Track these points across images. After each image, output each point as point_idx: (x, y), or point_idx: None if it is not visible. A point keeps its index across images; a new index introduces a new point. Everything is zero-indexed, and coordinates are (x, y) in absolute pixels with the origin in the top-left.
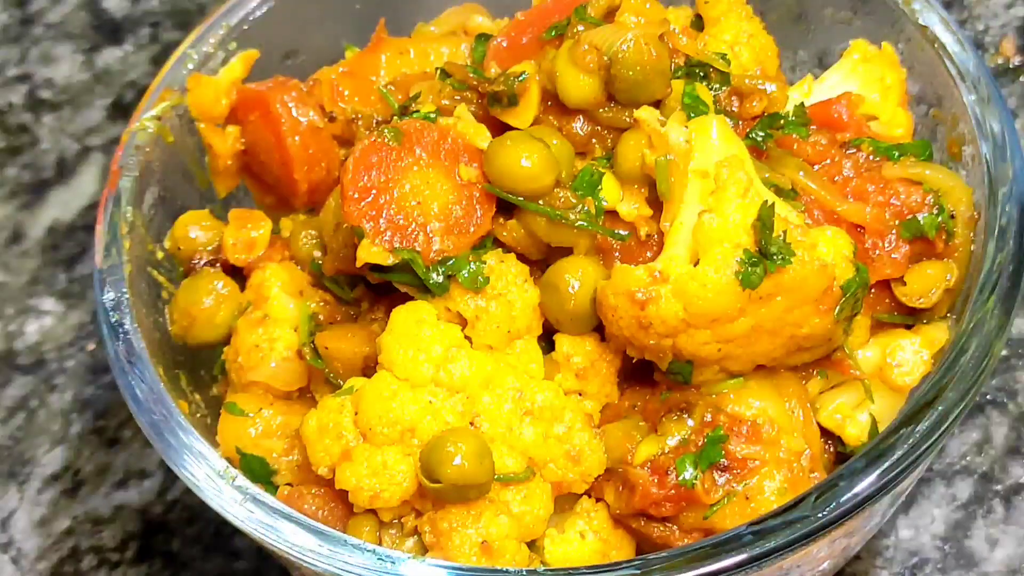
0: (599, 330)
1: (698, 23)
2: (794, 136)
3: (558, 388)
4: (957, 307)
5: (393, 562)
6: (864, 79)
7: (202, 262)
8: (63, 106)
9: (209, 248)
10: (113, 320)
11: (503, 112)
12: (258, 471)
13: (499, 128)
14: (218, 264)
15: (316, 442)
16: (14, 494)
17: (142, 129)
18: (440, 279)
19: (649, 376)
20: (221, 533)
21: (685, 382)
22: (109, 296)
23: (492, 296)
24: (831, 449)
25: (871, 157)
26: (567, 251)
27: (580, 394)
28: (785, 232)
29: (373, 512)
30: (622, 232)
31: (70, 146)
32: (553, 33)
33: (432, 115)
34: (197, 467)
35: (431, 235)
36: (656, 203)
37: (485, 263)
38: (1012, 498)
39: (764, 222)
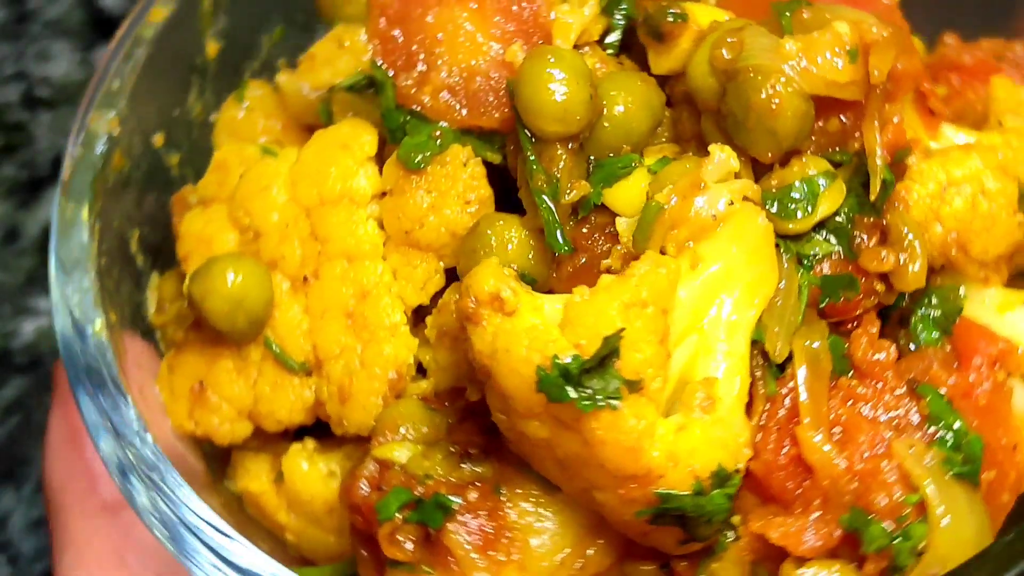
0: None
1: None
2: (874, 327)
3: (400, 324)
4: None
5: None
6: None
7: None
8: (59, 104)
9: None
10: None
11: (646, 39)
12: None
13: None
14: None
15: (210, 172)
16: (11, 495)
17: None
18: (400, 127)
19: None
20: None
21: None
22: None
23: (420, 183)
24: None
25: (916, 420)
26: None
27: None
28: (638, 382)
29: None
30: (565, 246)
31: (67, 145)
32: (784, 11)
33: None
34: None
35: (427, 80)
36: None
37: (440, 148)
38: None
39: (604, 345)
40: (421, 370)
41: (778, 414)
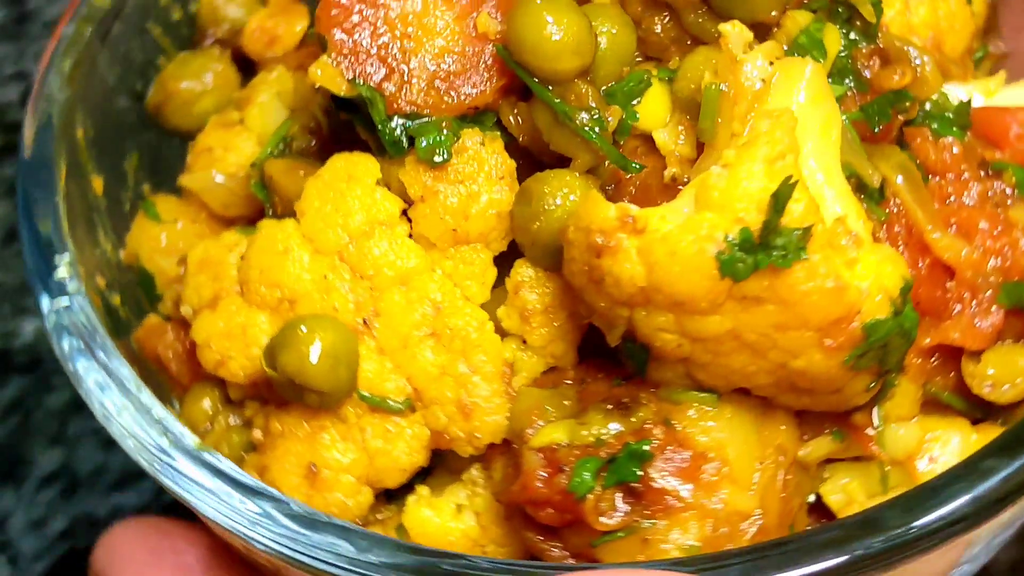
0: None
1: None
2: (928, 132)
3: (485, 320)
4: None
5: (166, 453)
6: None
7: (213, 39)
8: None
9: (231, 27)
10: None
11: None
12: (146, 288)
13: None
14: (229, 49)
15: (193, 275)
16: (11, 495)
17: None
18: (400, 136)
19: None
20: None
21: (638, 372)
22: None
23: (449, 179)
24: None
25: (1011, 191)
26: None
27: (524, 341)
28: (809, 228)
29: (222, 383)
30: (636, 164)
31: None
32: None
33: None
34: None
35: (411, 77)
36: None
37: (457, 137)
38: None
39: (778, 200)
40: None
41: (897, 233)
